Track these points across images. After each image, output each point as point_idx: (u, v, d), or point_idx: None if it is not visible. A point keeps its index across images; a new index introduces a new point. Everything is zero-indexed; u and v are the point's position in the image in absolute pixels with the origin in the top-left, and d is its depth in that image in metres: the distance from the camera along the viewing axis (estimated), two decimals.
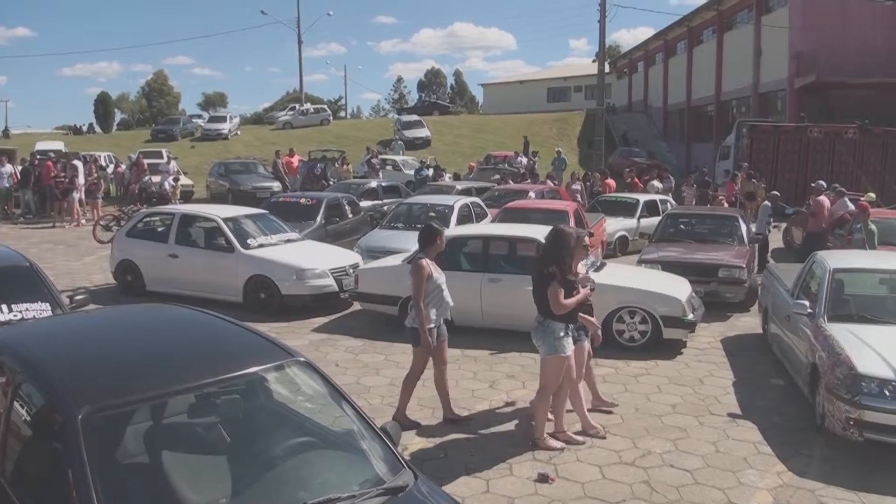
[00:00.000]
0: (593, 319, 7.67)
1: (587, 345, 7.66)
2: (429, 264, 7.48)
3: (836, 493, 6.36)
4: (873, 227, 13.15)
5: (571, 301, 6.84)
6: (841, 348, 7.29)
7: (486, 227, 13.63)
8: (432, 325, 7.48)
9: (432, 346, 7.51)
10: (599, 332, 7.84)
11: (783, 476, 6.66)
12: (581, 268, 7.65)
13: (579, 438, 7.26)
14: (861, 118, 29.93)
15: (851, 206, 16.92)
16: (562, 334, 6.88)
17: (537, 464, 6.77)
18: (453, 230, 12.91)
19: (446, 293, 7.59)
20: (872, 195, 19.76)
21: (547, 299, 6.83)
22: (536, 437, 7.10)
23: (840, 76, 35.32)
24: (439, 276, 7.56)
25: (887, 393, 6.75)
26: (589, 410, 7.70)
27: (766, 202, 17.20)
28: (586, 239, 7.54)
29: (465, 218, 15.98)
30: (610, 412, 8.04)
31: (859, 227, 13.47)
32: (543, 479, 6.43)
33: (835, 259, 9.20)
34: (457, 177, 27.80)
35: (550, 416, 7.27)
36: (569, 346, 6.95)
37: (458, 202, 16.50)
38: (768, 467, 6.85)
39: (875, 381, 6.81)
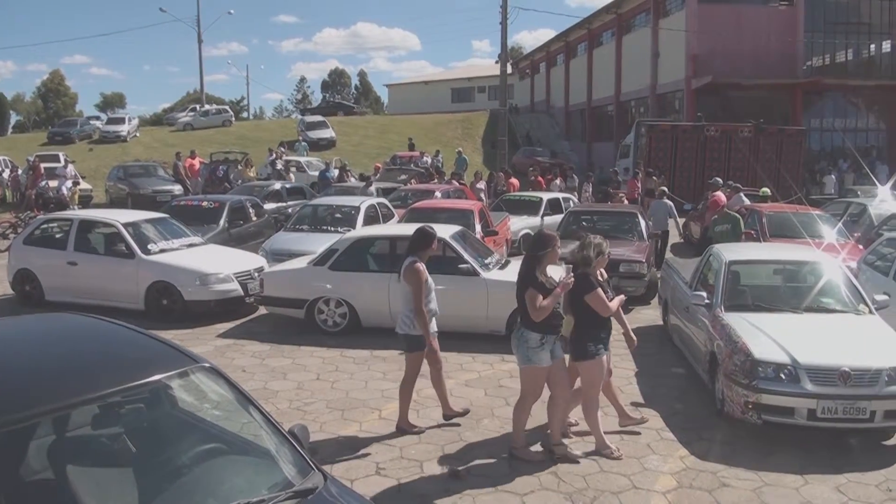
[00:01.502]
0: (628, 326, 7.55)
1: (605, 359, 7.05)
2: (424, 268, 7.39)
3: (738, 473, 6.64)
4: (726, 224, 13.45)
5: (547, 302, 6.55)
6: (738, 336, 7.61)
7: (393, 228, 13.64)
8: (421, 332, 7.38)
9: (436, 351, 7.46)
10: (633, 335, 7.62)
11: (686, 460, 6.91)
12: (556, 272, 7.49)
13: (578, 453, 6.96)
14: (756, 117, 31.10)
15: (747, 202, 17.61)
16: (535, 345, 6.62)
17: (447, 460, 6.83)
18: (359, 231, 12.90)
19: (434, 298, 7.54)
20: (767, 190, 20.56)
21: (525, 307, 6.65)
22: (512, 447, 6.95)
23: (735, 77, 36.75)
24: (431, 280, 7.49)
25: (783, 376, 7.11)
26: (617, 431, 7.49)
27: (664, 199, 17.68)
28: (605, 248, 7.18)
29: (371, 219, 15.95)
30: (638, 432, 7.55)
31: (715, 219, 13.88)
32: (454, 475, 6.50)
33: (730, 252, 9.58)
34: (363, 177, 27.69)
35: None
36: (544, 358, 6.65)
37: (365, 203, 16.46)
38: (671, 452, 7.09)
39: (771, 365, 7.15)
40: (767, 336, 7.54)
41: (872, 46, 41.48)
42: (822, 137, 39.55)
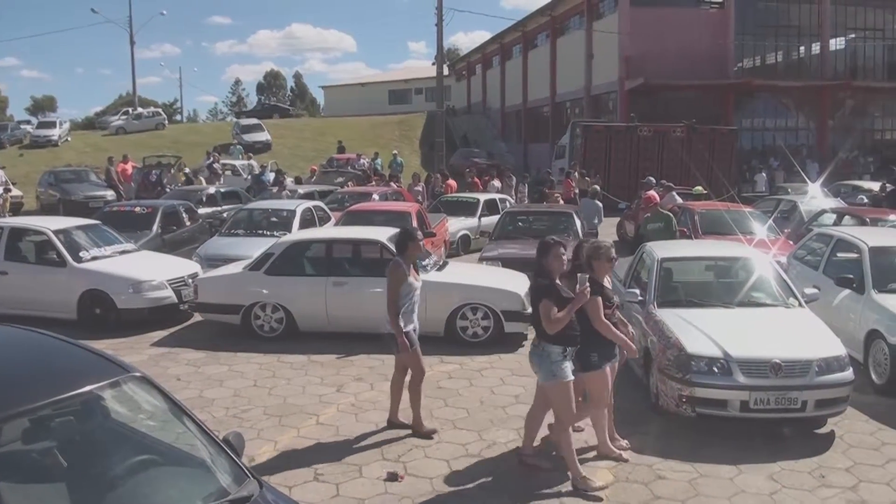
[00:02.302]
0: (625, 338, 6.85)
1: (608, 371, 6.81)
2: (405, 267, 7.35)
3: (673, 465, 6.77)
4: (659, 223, 13.70)
5: (563, 314, 6.16)
6: (671, 332, 7.76)
7: (329, 231, 13.58)
8: (408, 329, 7.35)
9: (409, 349, 7.38)
10: (635, 349, 7.00)
11: (624, 454, 6.99)
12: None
13: (624, 455, 6.86)
14: (688, 118, 31.70)
15: (679, 200, 17.93)
16: (558, 359, 6.25)
17: (386, 463, 6.84)
18: (295, 235, 12.80)
19: (417, 300, 7.48)
20: (700, 188, 21.04)
21: (539, 318, 6.28)
22: (575, 480, 6.39)
23: (667, 78, 37.43)
24: (415, 281, 7.43)
25: (715, 370, 7.27)
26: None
27: (594, 199, 17.94)
28: (612, 252, 6.96)
29: (307, 222, 15.84)
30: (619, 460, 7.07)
31: (648, 217, 14.13)
32: (393, 477, 6.49)
33: (662, 249, 9.75)
34: (298, 180, 27.50)
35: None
36: (568, 371, 6.29)
37: (301, 206, 16.34)
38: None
39: (703, 359, 7.31)
40: (700, 331, 7.70)
41: (802, 48, 42.70)
42: (753, 137, 40.60)
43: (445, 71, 43.43)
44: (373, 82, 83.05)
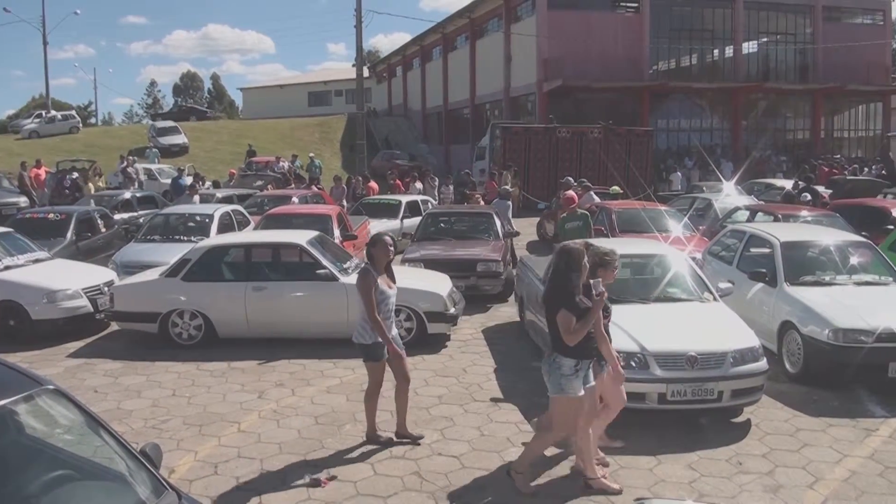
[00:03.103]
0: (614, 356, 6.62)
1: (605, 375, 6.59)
2: (374, 274, 7.12)
3: None
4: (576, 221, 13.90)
5: (581, 325, 5.88)
6: None
7: (248, 235, 13.42)
8: (374, 340, 7.14)
9: (400, 355, 7.23)
10: (621, 369, 6.68)
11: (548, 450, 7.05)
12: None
13: (615, 486, 6.36)
14: (605, 119, 32.30)
15: (597, 199, 18.26)
16: (569, 373, 5.96)
17: (308, 469, 6.77)
18: (212, 240, 12.61)
19: (392, 307, 7.28)
20: (617, 188, 21.45)
21: (557, 330, 5.99)
22: (588, 480, 6.32)
23: (585, 80, 38.10)
24: (388, 289, 7.20)
25: (633, 364, 7.46)
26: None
27: (504, 199, 18.12)
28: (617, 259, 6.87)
29: (226, 226, 15.62)
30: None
31: (565, 216, 14.35)
32: (316, 483, 6.45)
33: None
34: (216, 184, 27.09)
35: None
36: (578, 387, 5.99)
37: (219, 211, 16.10)
38: None
39: (622, 354, 7.39)
40: (618, 327, 7.82)
41: (716, 51, 44.02)
42: (668, 137, 41.61)
43: (366, 73, 43.35)
44: (292, 84, 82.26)
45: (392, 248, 7.33)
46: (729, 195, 20.68)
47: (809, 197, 18.72)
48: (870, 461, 6.98)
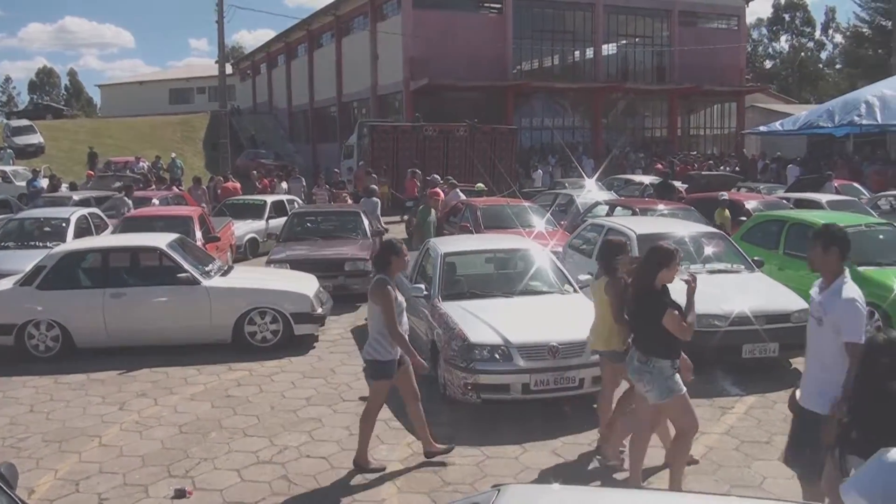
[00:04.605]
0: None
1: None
2: (392, 284, 6.57)
3: (462, 451, 7.00)
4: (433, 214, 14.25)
5: (691, 318, 5.84)
6: (455, 323, 8.05)
7: (105, 239, 12.92)
8: (390, 358, 6.58)
9: (425, 369, 6.85)
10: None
11: (413, 446, 7.17)
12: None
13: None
14: (471, 117, 32.72)
15: (462, 196, 18.50)
16: (670, 373, 5.85)
17: (173, 480, 6.58)
18: (68, 245, 12.07)
19: (405, 318, 6.72)
20: (482, 185, 21.80)
21: (661, 332, 5.81)
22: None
23: (450, 79, 38.47)
24: (402, 299, 6.68)
25: (497, 356, 7.64)
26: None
27: (370, 197, 18.18)
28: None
29: (83, 231, 14.96)
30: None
31: (422, 209, 14.67)
32: (181, 494, 6.27)
33: (445, 244, 10.07)
34: (73, 186, 25.92)
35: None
36: (681, 383, 5.89)
37: (75, 214, 15.40)
38: (399, 440, 7.35)
39: (486, 347, 7.66)
40: (482, 321, 8.04)
41: (577, 53, 45.33)
42: (532, 135, 42.49)
43: (229, 70, 42.52)
44: (152, 80, 79.83)
45: (406, 259, 6.99)
46: (590, 191, 21.39)
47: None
48: (726, 436, 7.37)
